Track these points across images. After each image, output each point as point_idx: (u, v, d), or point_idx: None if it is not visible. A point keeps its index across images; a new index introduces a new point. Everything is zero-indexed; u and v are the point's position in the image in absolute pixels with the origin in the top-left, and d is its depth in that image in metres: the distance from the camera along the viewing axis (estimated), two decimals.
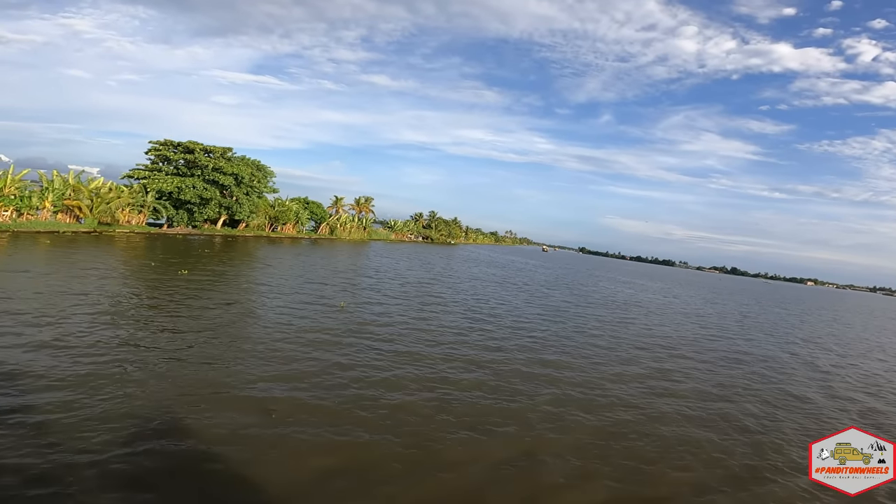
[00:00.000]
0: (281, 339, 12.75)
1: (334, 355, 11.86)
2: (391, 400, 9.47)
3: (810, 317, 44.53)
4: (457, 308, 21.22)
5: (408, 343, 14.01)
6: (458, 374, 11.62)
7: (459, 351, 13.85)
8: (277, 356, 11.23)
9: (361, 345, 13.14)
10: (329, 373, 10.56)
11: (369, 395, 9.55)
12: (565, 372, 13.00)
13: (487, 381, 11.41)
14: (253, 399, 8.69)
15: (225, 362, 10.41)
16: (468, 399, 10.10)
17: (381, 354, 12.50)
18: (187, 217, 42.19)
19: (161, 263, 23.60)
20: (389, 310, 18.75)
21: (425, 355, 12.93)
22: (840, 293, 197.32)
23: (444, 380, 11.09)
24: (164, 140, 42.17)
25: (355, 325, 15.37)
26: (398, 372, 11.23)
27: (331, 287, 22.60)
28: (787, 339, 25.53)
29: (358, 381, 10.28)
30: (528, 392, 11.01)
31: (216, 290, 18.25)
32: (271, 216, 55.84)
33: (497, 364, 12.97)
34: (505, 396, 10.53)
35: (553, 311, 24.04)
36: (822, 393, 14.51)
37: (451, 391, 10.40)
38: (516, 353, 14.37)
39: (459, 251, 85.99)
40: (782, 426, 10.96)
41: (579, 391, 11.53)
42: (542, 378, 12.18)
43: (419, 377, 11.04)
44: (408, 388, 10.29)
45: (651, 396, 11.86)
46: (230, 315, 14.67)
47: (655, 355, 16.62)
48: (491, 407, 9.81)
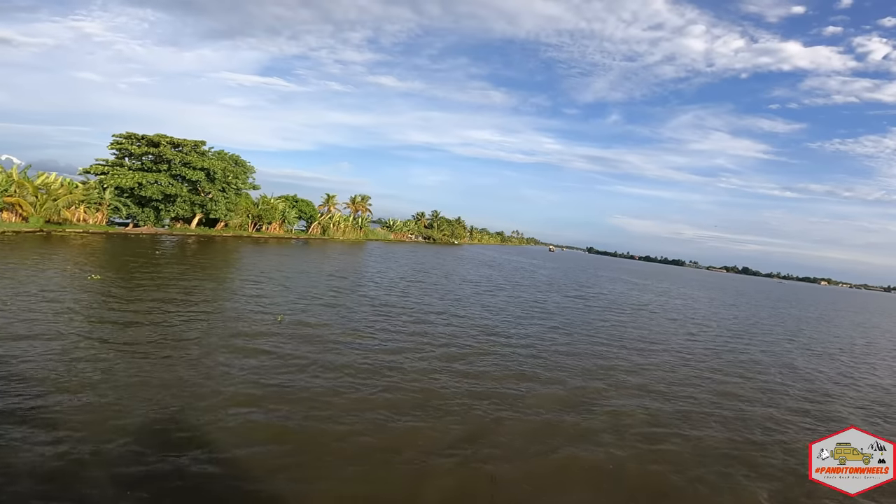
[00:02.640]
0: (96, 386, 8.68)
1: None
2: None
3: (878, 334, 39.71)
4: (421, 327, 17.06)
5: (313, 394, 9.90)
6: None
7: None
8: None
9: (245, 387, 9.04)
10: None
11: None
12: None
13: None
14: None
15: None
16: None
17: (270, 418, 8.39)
18: (154, 216, 38.43)
19: (82, 267, 19.75)
20: (330, 331, 14.64)
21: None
22: (855, 293, 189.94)
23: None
24: (128, 133, 38.39)
25: (283, 348, 11.31)
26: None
27: (279, 292, 18.59)
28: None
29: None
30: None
31: (121, 301, 14.27)
32: (254, 215, 52.10)
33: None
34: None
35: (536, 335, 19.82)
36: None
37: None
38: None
39: (461, 252, 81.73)
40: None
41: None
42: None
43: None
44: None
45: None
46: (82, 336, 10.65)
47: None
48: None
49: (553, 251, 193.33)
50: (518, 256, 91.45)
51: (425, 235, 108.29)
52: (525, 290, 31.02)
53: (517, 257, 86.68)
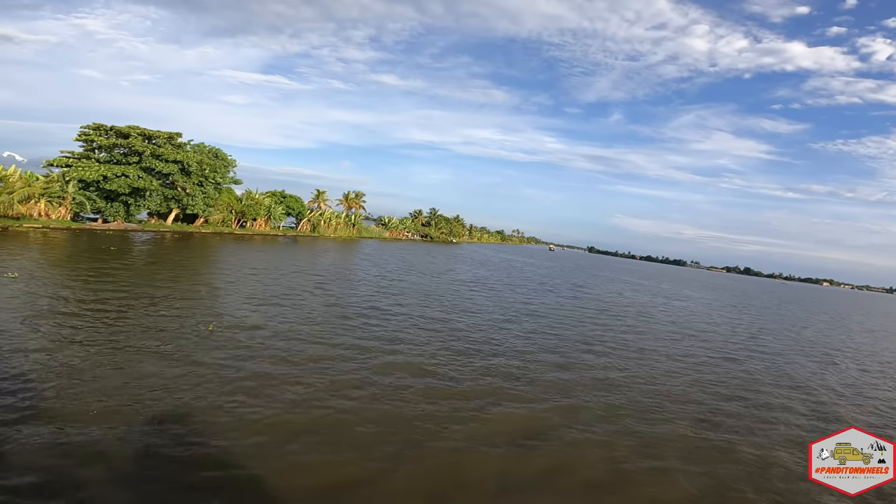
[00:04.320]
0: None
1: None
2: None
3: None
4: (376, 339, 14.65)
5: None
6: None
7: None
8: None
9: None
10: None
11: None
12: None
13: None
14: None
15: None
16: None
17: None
18: (124, 211, 36.03)
19: (8, 264, 17.40)
20: (261, 340, 12.24)
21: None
22: (858, 294, 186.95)
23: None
24: (95, 124, 35.86)
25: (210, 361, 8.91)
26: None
27: (229, 292, 16.18)
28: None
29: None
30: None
31: (26, 301, 11.89)
32: (237, 211, 49.71)
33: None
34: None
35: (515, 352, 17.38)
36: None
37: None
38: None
39: (457, 250, 79.31)
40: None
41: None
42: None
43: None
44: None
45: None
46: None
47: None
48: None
49: (553, 250, 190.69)
50: (516, 255, 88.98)
51: (422, 234, 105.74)
52: (515, 291, 28.59)
53: (514, 256, 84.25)
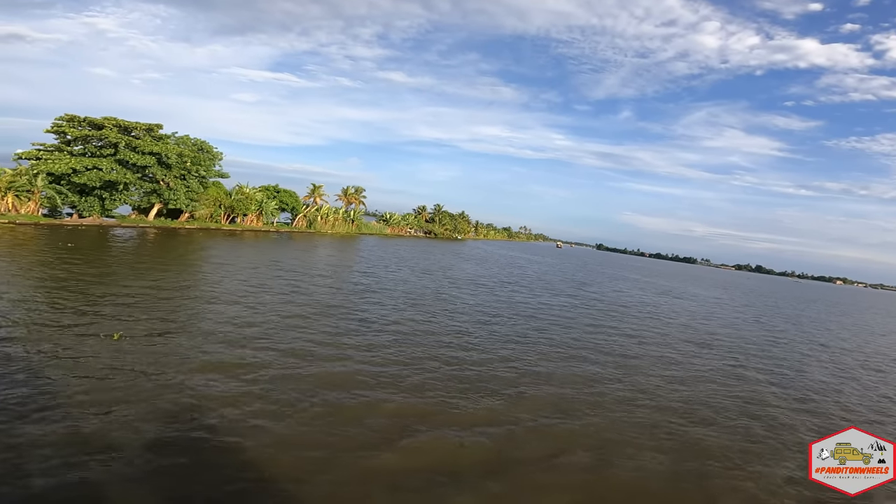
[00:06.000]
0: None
1: None
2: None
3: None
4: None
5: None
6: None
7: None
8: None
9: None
10: None
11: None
12: None
13: None
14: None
15: None
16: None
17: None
18: (99, 205, 33.77)
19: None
20: (182, 348, 9.68)
21: None
22: (877, 294, 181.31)
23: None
24: (69, 115, 33.48)
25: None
26: None
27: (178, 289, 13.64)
28: None
29: None
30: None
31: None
32: (226, 206, 47.37)
33: None
34: None
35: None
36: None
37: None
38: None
39: (460, 248, 76.55)
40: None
41: None
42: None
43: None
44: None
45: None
46: None
47: None
48: None
49: (560, 247, 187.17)
50: (521, 253, 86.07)
51: (426, 230, 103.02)
52: (508, 289, 25.84)
53: (519, 253, 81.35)
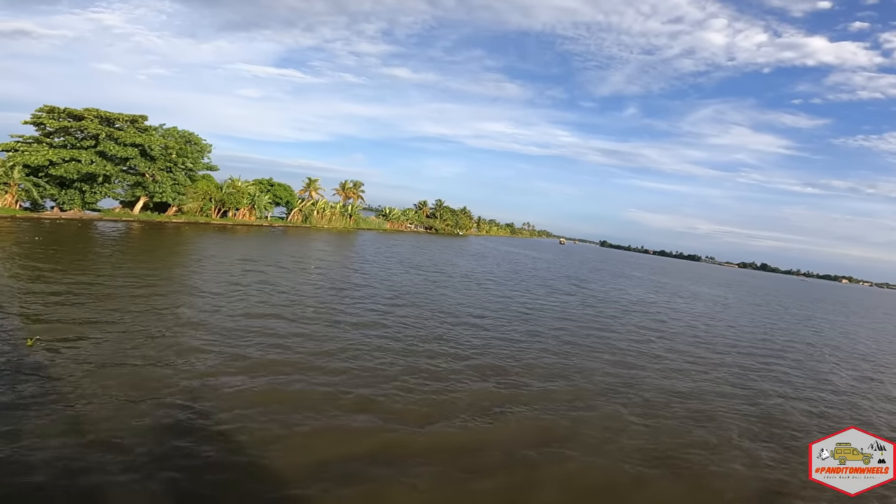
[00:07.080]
0: None
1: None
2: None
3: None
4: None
5: None
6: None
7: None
8: None
9: None
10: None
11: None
12: None
13: None
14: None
15: None
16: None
17: None
18: (80, 199, 32.49)
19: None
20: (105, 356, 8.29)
21: None
22: (885, 293, 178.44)
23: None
24: (48, 106, 31.97)
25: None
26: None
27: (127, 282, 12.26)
28: None
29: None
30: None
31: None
32: (217, 199, 46.04)
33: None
34: None
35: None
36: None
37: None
38: None
39: (461, 243, 75.04)
40: None
41: None
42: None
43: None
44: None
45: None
46: None
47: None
48: None
49: (564, 244, 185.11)
50: (523, 249, 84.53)
51: (427, 226, 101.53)
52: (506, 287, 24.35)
53: (519, 250, 79.79)
